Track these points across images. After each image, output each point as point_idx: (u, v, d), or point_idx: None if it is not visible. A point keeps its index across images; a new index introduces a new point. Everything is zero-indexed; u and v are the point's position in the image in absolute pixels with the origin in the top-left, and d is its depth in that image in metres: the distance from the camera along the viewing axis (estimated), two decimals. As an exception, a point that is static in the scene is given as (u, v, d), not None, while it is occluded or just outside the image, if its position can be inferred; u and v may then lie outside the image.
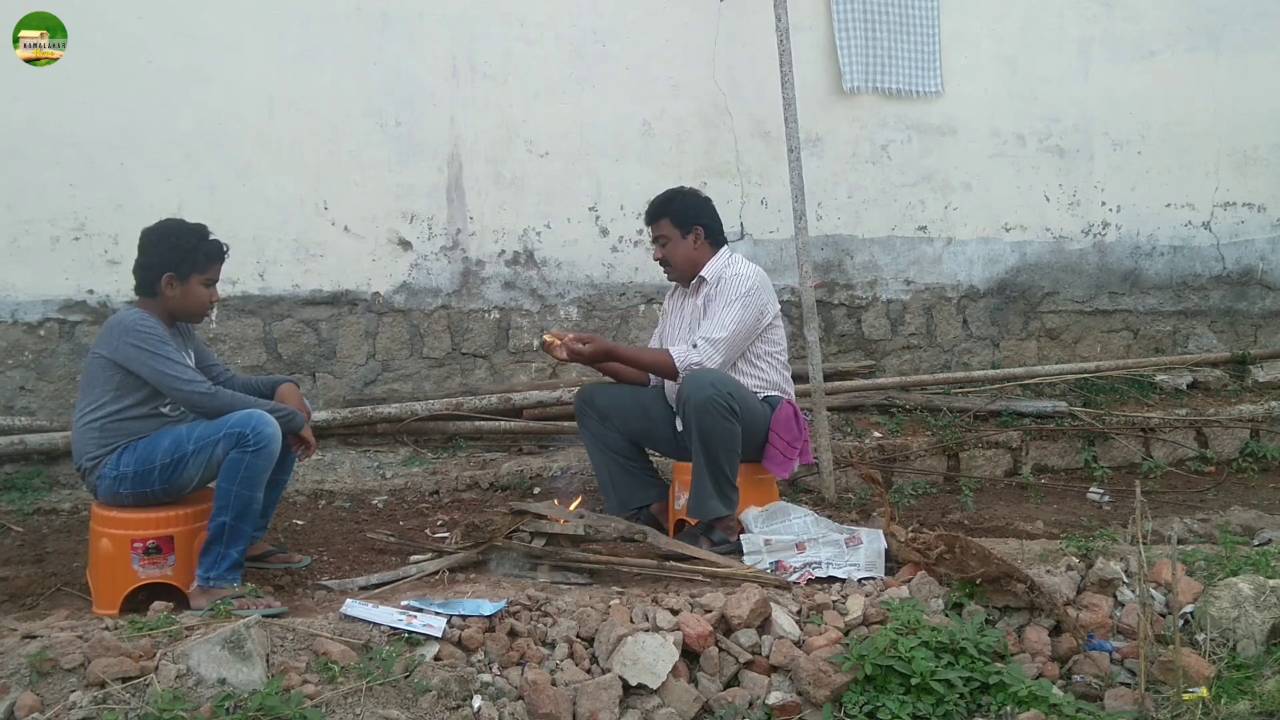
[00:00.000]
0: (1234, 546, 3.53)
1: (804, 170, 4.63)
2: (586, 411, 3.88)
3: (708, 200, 3.94)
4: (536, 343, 5.11)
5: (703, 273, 3.82)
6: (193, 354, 3.29)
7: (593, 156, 5.16)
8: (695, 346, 3.63)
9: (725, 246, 3.91)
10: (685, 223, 3.82)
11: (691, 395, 3.48)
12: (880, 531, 3.42)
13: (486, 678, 2.67)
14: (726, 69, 5.31)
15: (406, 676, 2.59)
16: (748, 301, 3.68)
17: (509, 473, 4.53)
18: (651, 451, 4.07)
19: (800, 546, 3.43)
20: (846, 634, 2.99)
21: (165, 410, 3.16)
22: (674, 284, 4.02)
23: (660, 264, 3.93)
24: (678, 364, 3.62)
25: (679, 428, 3.68)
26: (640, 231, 5.09)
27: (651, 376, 3.92)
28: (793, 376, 3.97)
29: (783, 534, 3.50)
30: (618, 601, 3.01)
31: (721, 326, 3.64)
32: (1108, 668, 3.02)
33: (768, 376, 3.78)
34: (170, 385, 3.06)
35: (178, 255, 3.14)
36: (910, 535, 3.30)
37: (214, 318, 4.59)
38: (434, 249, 4.95)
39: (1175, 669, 2.81)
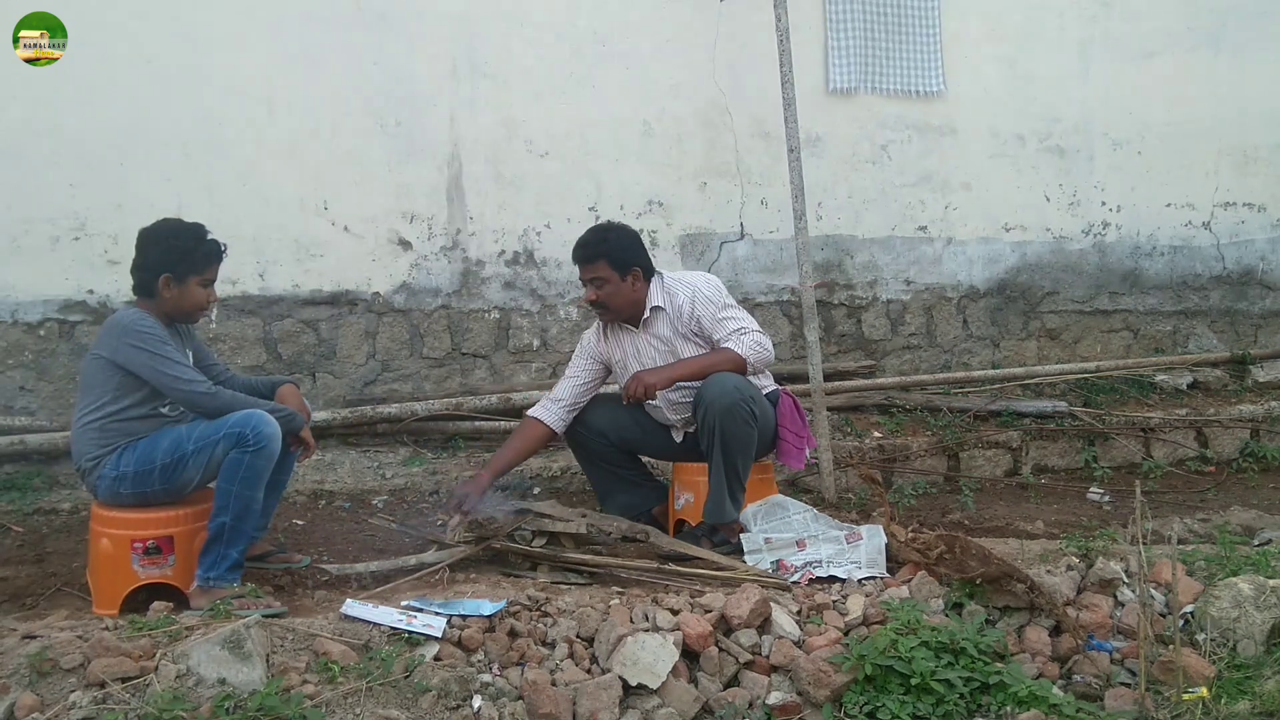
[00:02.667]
0: (1234, 546, 3.53)
1: (804, 170, 4.63)
2: (576, 428, 3.80)
3: (638, 236, 3.79)
4: (536, 343, 5.12)
5: (655, 303, 3.65)
6: (191, 354, 3.28)
7: (593, 156, 5.16)
8: (731, 336, 3.57)
9: (655, 275, 3.73)
10: (624, 264, 3.61)
11: (716, 400, 3.43)
12: (880, 527, 3.42)
13: (486, 678, 2.67)
14: (727, 69, 5.31)
15: (406, 676, 2.59)
16: (730, 298, 3.69)
17: (509, 472, 4.52)
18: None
19: (800, 544, 3.44)
20: (846, 634, 2.99)
21: (165, 410, 3.15)
22: (603, 326, 3.77)
23: (593, 306, 3.68)
24: (740, 352, 3.52)
25: (689, 430, 3.67)
26: (640, 230, 5.07)
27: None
28: (793, 376, 3.97)
29: (782, 531, 3.50)
30: (618, 601, 3.01)
31: (737, 319, 3.62)
32: (1108, 668, 3.02)
33: (763, 378, 3.79)
34: (170, 385, 3.06)
35: (175, 256, 3.14)
36: (910, 535, 3.30)
37: (213, 318, 4.58)
38: (434, 249, 4.95)
39: (1175, 669, 2.81)
